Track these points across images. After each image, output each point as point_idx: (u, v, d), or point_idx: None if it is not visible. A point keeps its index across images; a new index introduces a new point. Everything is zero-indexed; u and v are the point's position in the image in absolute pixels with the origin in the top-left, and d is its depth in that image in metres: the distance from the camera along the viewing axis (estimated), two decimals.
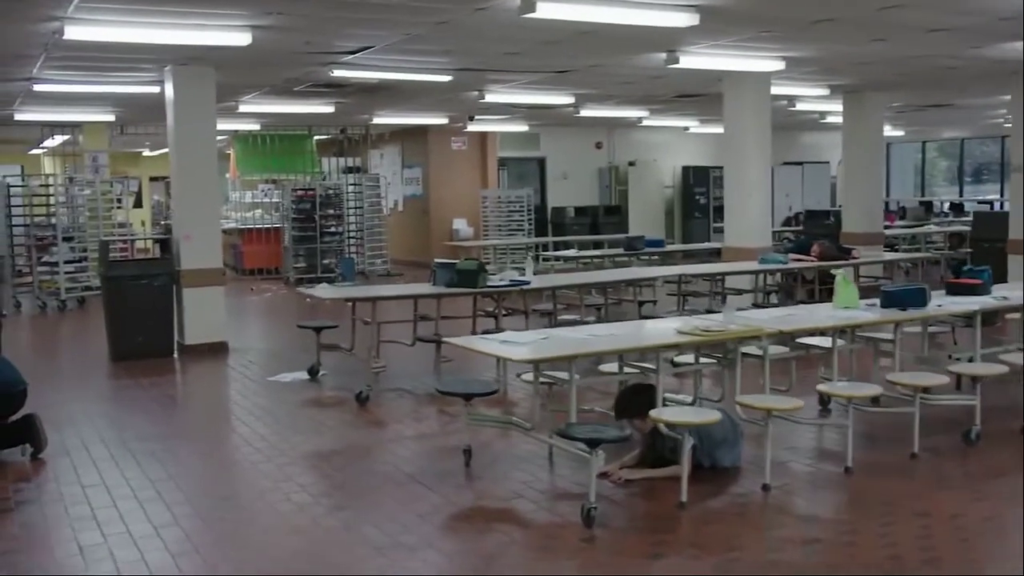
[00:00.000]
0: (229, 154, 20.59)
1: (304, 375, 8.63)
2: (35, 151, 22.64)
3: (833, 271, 7.03)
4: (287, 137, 19.32)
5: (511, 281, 8.57)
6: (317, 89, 12.04)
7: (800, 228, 17.47)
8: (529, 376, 5.86)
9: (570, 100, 13.44)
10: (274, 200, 19.91)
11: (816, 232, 14.56)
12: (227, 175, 21.23)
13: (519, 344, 5.30)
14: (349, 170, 21.52)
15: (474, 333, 8.73)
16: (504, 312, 8.81)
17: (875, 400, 6.07)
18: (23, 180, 15.31)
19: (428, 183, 20.12)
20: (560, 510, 5.09)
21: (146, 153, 27.02)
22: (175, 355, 9.94)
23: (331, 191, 17.98)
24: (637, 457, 5.55)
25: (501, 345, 5.24)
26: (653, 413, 5.06)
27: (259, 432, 6.86)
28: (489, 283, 8.36)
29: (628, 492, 5.29)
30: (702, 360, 5.94)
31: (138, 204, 28.65)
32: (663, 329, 5.84)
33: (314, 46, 8.75)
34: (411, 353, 8.72)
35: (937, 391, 6.04)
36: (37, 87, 10.80)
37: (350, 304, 8.41)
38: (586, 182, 21.60)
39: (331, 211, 17.84)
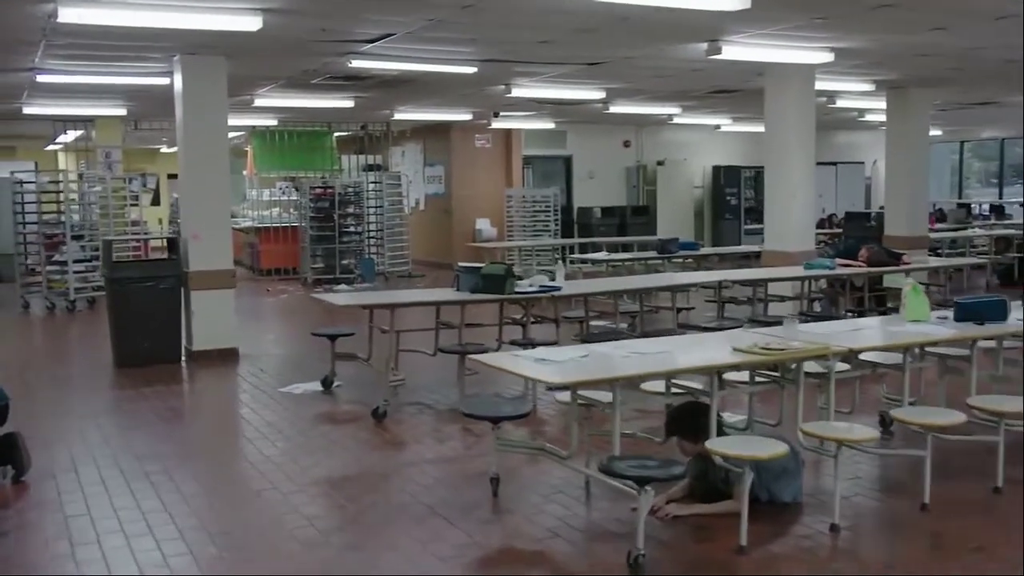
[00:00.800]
0: (247, 151, 20.05)
1: (318, 386, 8.04)
2: (51, 147, 22.18)
3: (900, 279, 6.35)
4: (306, 134, 18.79)
5: (541, 287, 7.94)
6: (335, 82, 11.46)
7: (834, 231, 16.76)
8: (564, 396, 5.23)
9: (600, 95, 12.79)
10: (292, 198, 19.36)
11: (857, 235, 13.88)
12: (244, 172, 20.71)
13: (555, 363, 4.68)
14: (370, 168, 20.98)
15: (500, 342, 8.14)
16: (533, 320, 8.19)
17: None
18: (34, 176, 14.81)
19: (450, 182, 19.53)
20: (601, 553, 4.47)
21: (164, 150, 26.55)
22: (182, 362, 9.39)
23: (350, 189, 17.40)
24: (685, 488, 4.92)
25: (535, 364, 4.63)
26: (709, 444, 4.43)
27: (265, 453, 6.27)
28: (517, 289, 7.74)
29: (678, 531, 4.66)
30: (757, 379, 5.31)
31: (156, 202, 28.26)
32: (714, 344, 5.21)
33: (330, 33, 8.15)
34: (433, 363, 8.11)
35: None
36: (41, 78, 10.27)
37: (367, 311, 7.77)
38: (613, 182, 20.94)
39: (350, 210, 17.26)
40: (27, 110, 13.55)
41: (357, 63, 9.43)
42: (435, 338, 7.98)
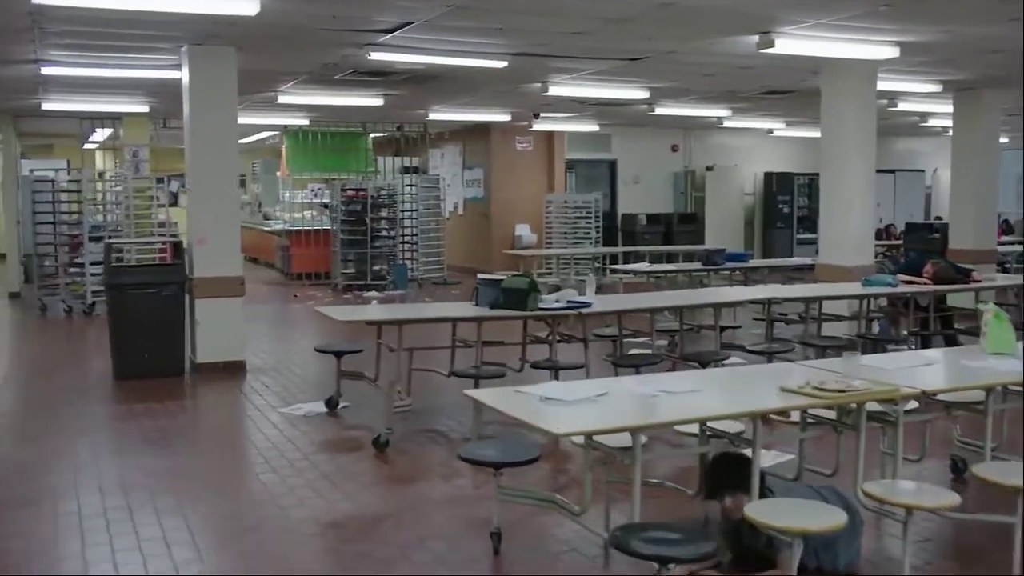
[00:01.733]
0: (281, 151, 19.51)
1: (322, 407, 7.35)
2: (88, 146, 21.84)
3: (972, 299, 5.45)
4: (341, 134, 18.17)
5: (568, 303, 7.16)
6: (360, 78, 10.78)
7: (892, 243, 15.75)
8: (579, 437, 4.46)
9: (644, 95, 11.98)
10: (324, 200, 18.76)
11: (919, 248, 12.91)
12: (278, 173, 20.17)
13: (566, 403, 3.92)
14: (407, 170, 20.33)
15: (524, 362, 7.39)
16: (559, 338, 7.42)
17: None
18: (53, 175, 14.34)
19: (489, 185, 18.80)
20: None
21: None
22: (185, 375, 8.75)
23: (384, 192, 16.71)
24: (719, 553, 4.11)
25: (540, 406, 3.86)
26: (750, 510, 3.62)
27: (255, 486, 5.60)
28: (542, 304, 6.97)
29: None
30: (809, 420, 4.49)
31: None
32: (759, 381, 4.41)
33: (341, 21, 7.45)
34: (448, 385, 7.38)
35: None
36: (46, 70, 9.70)
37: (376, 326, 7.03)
38: (660, 187, 20.06)
39: (383, 213, 16.58)
40: (46, 106, 13.05)
41: (377, 55, 8.73)
42: (451, 358, 7.24)
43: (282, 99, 12.26)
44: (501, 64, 9.26)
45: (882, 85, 10.68)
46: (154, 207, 14.83)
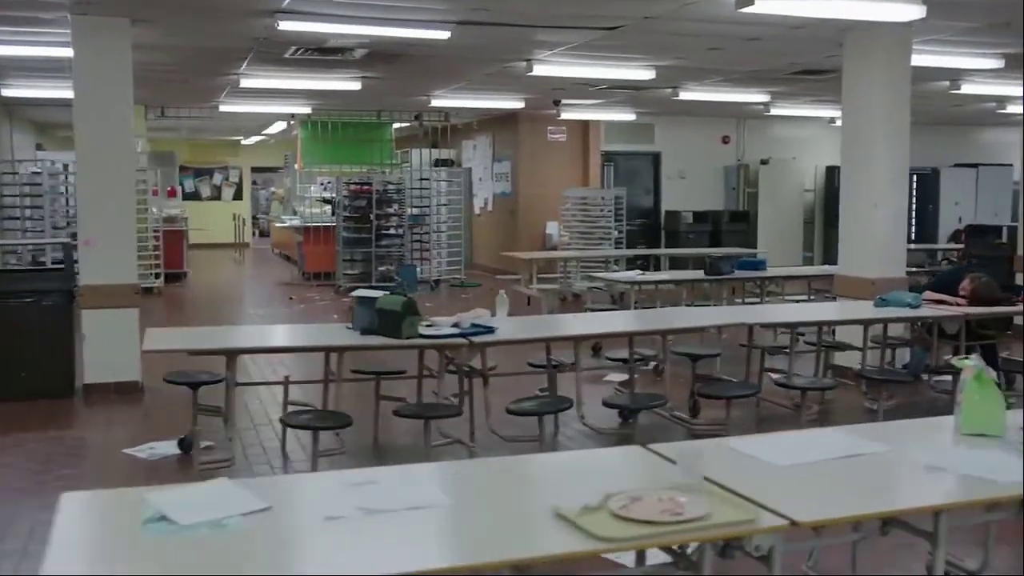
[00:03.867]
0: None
1: (174, 448, 6.01)
2: None
3: (958, 359, 3.63)
4: (361, 125, 16.91)
5: (470, 327, 5.64)
6: (313, 56, 9.45)
7: (959, 247, 13.76)
8: None
9: (649, 75, 10.33)
10: (327, 195, 17.56)
11: (983, 254, 10.99)
12: (295, 165, 19.06)
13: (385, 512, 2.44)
14: (438, 163, 19.01)
15: (420, 403, 5.93)
16: (467, 370, 5.91)
17: None
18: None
19: (517, 179, 17.30)
20: None
21: (244, 141, 25.33)
22: (74, 397, 7.51)
23: (391, 186, 15.36)
24: None
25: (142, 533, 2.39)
26: None
27: None
28: (426, 331, 5.49)
29: None
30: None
31: (238, 196, 27.11)
32: (543, 488, 2.83)
33: None
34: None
35: None
36: None
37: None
38: (708, 183, 18.27)
39: (390, 209, 15.23)
40: (5, 92, 12.09)
41: (287, 24, 7.35)
42: (284, 398, 5.81)
43: (245, 83, 10.98)
44: (443, 35, 7.76)
45: (929, 60, 8.92)
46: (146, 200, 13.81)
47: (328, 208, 17.88)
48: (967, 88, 11.39)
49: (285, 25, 7.34)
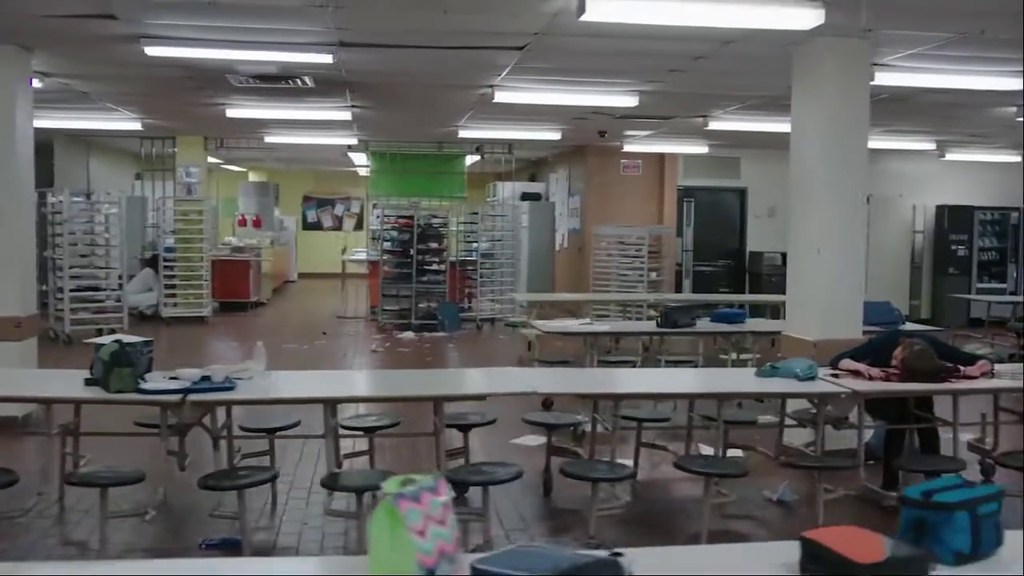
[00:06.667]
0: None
1: None
2: None
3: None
4: (432, 156, 16.55)
5: (197, 382, 4.93)
6: (261, 85, 9.05)
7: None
8: None
9: (630, 101, 9.32)
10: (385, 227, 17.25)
11: None
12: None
13: None
14: (526, 196, 18.42)
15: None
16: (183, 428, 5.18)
17: None
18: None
19: (585, 214, 16.42)
20: None
21: (362, 172, 25.54)
22: None
23: (436, 220, 14.84)
24: None
25: None
26: None
27: None
28: (147, 385, 4.85)
29: None
30: None
31: (359, 226, 27.36)
32: None
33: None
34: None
35: None
36: None
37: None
38: None
39: (432, 245, 14.68)
40: None
41: (153, 50, 6.95)
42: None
43: (231, 112, 10.77)
44: (326, 58, 7.17)
45: (935, 81, 7.63)
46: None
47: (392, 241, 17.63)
48: None
49: (152, 51, 6.95)
